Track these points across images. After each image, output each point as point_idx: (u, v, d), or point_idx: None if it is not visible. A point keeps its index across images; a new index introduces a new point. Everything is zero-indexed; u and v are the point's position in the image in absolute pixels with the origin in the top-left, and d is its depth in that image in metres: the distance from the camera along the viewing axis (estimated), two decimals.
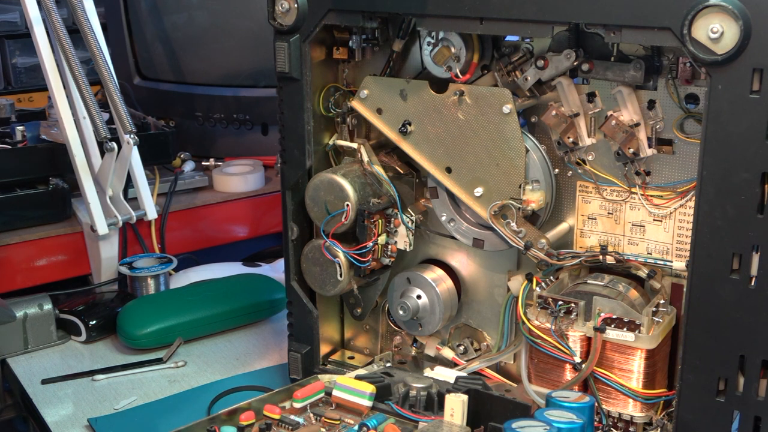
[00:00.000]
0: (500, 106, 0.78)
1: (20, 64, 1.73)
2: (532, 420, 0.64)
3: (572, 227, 0.82)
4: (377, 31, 0.85)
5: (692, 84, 0.73)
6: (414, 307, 0.88)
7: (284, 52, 0.83)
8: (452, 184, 0.82)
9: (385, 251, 0.87)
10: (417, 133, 0.83)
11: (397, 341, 0.95)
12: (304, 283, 0.90)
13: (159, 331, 1.05)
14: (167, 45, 1.53)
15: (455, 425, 0.70)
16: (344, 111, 0.88)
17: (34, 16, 1.07)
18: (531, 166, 0.79)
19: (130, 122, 1.09)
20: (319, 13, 0.81)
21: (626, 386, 0.75)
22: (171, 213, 1.29)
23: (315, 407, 0.76)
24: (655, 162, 0.76)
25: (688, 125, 0.74)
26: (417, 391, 0.76)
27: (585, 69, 0.75)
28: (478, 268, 0.88)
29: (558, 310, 0.76)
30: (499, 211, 0.80)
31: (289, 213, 0.89)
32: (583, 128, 0.78)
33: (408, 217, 0.86)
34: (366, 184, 0.86)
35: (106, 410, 0.92)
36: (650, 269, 0.77)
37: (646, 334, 0.73)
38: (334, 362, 0.95)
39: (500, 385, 0.86)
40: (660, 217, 0.77)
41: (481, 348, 0.90)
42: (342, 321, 0.97)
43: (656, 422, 0.77)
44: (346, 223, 0.84)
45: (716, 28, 0.63)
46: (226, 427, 0.72)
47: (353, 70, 0.89)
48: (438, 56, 0.81)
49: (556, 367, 0.78)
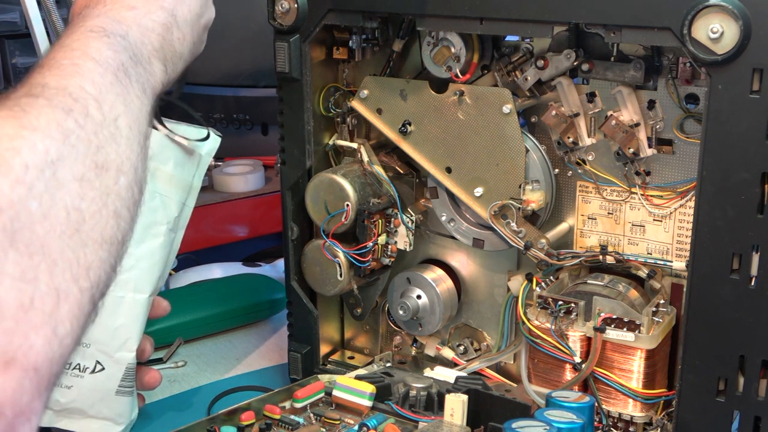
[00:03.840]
0: (500, 106, 0.78)
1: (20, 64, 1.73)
2: (532, 420, 0.64)
3: (572, 227, 0.82)
4: (377, 31, 0.85)
5: (692, 84, 0.73)
6: (414, 307, 0.88)
7: (284, 52, 0.83)
8: (452, 184, 0.82)
9: (385, 251, 0.87)
10: (417, 133, 0.83)
11: (397, 341, 0.95)
12: (304, 283, 0.90)
13: (159, 331, 1.05)
14: None
15: (455, 425, 0.70)
16: (344, 111, 0.88)
17: (34, 16, 1.07)
18: (531, 166, 0.79)
19: None
20: (319, 13, 0.81)
21: (626, 386, 0.75)
22: None
23: (315, 407, 0.76)
24: (655, 162, 0.76)
25: (688, 125, 0.74)
26: (417, 391, 0.76)
27: (585, 69, 0.75)
28: (478, 268, 0.88)
29: (558, 310, 0.76)
30: (499, 211, 0.80)
31: (289, 213, 0.89)
32: (583, 128, 0.78)
33: (408, 217, 0.86)
34: (366, 184, 0.86)
35: None
36: (650, 269, 0.77)
37: (646, 334, 0.73)
38: (334, 362, 0.95)
39: (500, 385, 0.86)
40: (660, 217, 0.77)
41: (481, 348, 0.90)
42: (342, 321, 0.97)
43: (656, 422, 0.77)
44: (346, 223, 0.84)
45: (716, 28, 0.63)
46: (226, 427, 0.72)
47: (353, 70, 0.89)
48: (438, 56, 0.81)
49: (556, 367, 0.78)
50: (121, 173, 0.48)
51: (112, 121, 0.48)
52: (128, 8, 0.59)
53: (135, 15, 0.59)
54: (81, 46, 0.51)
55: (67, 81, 0.48)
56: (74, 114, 0.46)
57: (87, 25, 0.54)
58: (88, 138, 0.46)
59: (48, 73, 0.49)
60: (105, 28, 0.54)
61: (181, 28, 0.63)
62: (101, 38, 0.53)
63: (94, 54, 0.51)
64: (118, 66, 0.52)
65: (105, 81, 0.50)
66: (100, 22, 0.55)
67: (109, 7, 0.58)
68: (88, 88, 0.48)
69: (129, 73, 0.53)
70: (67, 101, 0.46)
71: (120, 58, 0.53)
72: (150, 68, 0.57)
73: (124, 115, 0.50)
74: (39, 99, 0.46)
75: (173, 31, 0.62)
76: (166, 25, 0.61)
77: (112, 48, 0.53)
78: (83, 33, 0.53)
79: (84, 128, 0.46)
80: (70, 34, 0.53)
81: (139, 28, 0.58)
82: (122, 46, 0.54)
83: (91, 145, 0.46)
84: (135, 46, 0.56)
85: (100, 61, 0.51)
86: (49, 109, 0.45)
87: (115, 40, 0.54)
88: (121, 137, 0.49)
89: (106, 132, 0.48)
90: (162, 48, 0.60)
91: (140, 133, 0.52)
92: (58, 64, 0.49)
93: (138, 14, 0.59)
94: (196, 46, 0.67)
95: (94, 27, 0.54)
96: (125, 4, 0.59)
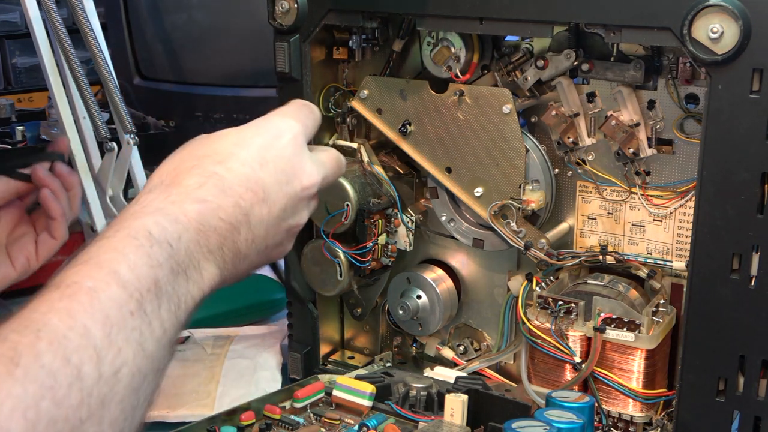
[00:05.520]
0: (500, 106, 0.78)
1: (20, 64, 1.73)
2: (532, 420, 0.64)
3: (572, 227, 0.82)
4: (377, 31, 0.85)
5: (692, 84, 0.73)
6: (414, 307, 0.88)
7: (284, 52, 0.83)
8: (452, 184, 0.82)
9: (385, 251, 0.87)
10: (417, 133, 0.83)
11: (397, 341, 0.95)
12: (304, 283, 0.90)
13: None
14: (167, 45, 1.53)
15: (455, 425, 0.70)
16: (344, 111, 0.88)
17: (34, 16, 1.07)
18: (531, 166, 0.79)
19: (130, 122, 1.09)
20: (319, 13, 0.81)
21: (626, 386, 0.75)
22: None
23: (315, 407, 0.76)
24: (655, 162, 0.76)
25: (688, 125, 0.74)
26: (417, 391, 0.76)
27: (585, 69, 0.75)
28: (478, 268, 0.88)
29: (558, 310, 0.76)
30: (499, 211, 0.80)
31: None
32: (583, 128, 0.78)
33: (408, 217, 0.86)
34: (366, 184, 0.86)
35: None
36: (650, 269, 0.77)
37: (646, 334, 0.73)
38: (334, 362, 0.95)
39: (500, 385, 0.86)
40: (660, 217, 0.77)
41: (481, 348, 0.90)
42: (342, 321, 0.97)
43: (656, 422, 0.77)
44: (346, 223, 0.84)
45: (716, 28, 0.63)
46: (226, 427, 0.72)
47: (353, 70, 0.89)
48: (438, 56, 0.81)
49: (556, 367, 0.78)
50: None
51: (112, 376, 0.42)
52: (197, 201, 0.52)
53: (201, 211, 0.52)
54: (112, 260, 0.45)
55: (73, 320, 0.42)
56: (58, 378, 0.39)
57: (134, 227, 0.48)
58: (66, 416, 0.39)
59: (57, 298, 0.43)
60: (153, 233, 0.48)
61: (253, 229, 0.55)
62: (140, 249, 0.47)
63: (123, 273, 0.45)
64: (148, 287, 0.46)
65: (122, 315, 0.44)
66: (150, 224, 0.49)
67: (173, 199, 0.51)
68: (94, 332, 0.42)
69: (161, 293, 0.47)
70: (54, 362, 0.40)
71: (156, 274, 0.47)
72: (196, 275, 0.51)
73: (131, 362, 0.43)
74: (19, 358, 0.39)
75: (241, 231, 0.54)
76: (234, 225, 0.53)
77: (150, 262, 0.47)
78: (125, 238, 0.47)
79: (61, 406, 0.39)
80: (115, 233, 0.48)
81: (198, 229, 0.51)
82: (166, 257, 0.48)
83: (68, 423, 0.39)
84: (184, 252, 0.50)
85: (127, 285, 0.45)
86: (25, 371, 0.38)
87: (159, 250, 0.48)
88: (115, 395, 0.42)
89: (97, 393, 0.41)
90: (220, 249, 0.53)
91: (147, 375, 0.45)
92: (77, 284, 0.44)
93: (205, 210, 0.52)
94: (272, 250, 0.58)
95: (140, 231, 0.48)
96: (195, 197, 0.52)
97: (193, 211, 0.51)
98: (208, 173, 0.54)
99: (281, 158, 0.58)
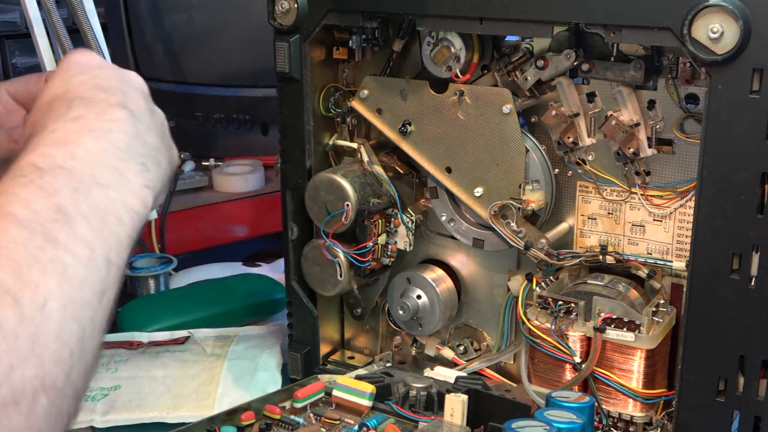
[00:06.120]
0: (500, 106, 0.78)
1: (20, 64, 1.73)
2: (532, 420, 0.64)
3: (572, 227, 0.82)
4: (377, 31, 0.85)
5: (692, 84, 0.73)
6: (414, 307, 0.88)
7: (284, 52, 0.83)
8: (452, 184, 0.82)
9: (385, 251, 0.87)
10: (417, 133, 0.83)
11: (397, 341, 0.95)
12: (304, 283, 0.90)
13: (159, 330, 1.05)
14: (167, 45, 1.53)
15: (455, 425, 0.70)
16: (344, 111, 0.88)
17: (34, 16, 1.07)
18: (531, 166, 0.79)
19: None
20: (319, 13, 0.81)
21: (626, 386, 0.75)
22: (171, 213, 1.29)
23: (315, 407, 0.76)
24: (655, 162, 0.76)
25: (688, 125, 0.74)
26: (417, 391, 0.76)
27: (585, 69, 0.75)
28: (478, 268, 0.88)
29: (558, 310, 0.76)
30: (499, 211, 0.80)
31: (289, 213, 0.89)
32: (583, 128, 0.78)
33: (408, 217, 0.86)
34: (366, 184, 0.86)
35: None
36: (650, 269, 0.77)
37: (646, 334, 0.73)
38: (334, 362, 0.95)
39: (500, 385, 0.86)
40: (660, 217, 0.77)
41: (481, 348, 0.90)
42: (342, 321, 0.97)
43: (656, 422, 0.77)
44: (346, 223, 0.84)
45: (716, 28, 0.63)
46: (226, 427, 0.72)
47: (353, 70, 0.89)
48: (438, 56, 0.81)
49: (556, 367, 0.78)
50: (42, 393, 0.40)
51: (37, 312, 0.40)
52: (73, 120, 0.50)
53: (82, 126, 0.50)
54: (3, 203, 0.44)
55: None
56: None
57: (18, 167, 0.47)
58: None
59: None
60: (39, 164, 0.47)
61: (142, 120, 0.54)
62: (31, 184, 0.45)
63: (18, 212, 0.43)
64: (52, 217, 0.44)
65: (29, 252, 0.42)
66: (34, 157, 0.47)
67: (51, 128, 0.50)
68: (2, 278, 0.40)
69: (70, 217, 0.45)
70: None
71: (56, 202, 0.45)
72: (115, 178, 0.49)
73: (57, 293, 0.42)
74: None
75: (135, 124, 0.53)
76: (124, 120, 0.53)
77: (44, 193, 0.45)
78: (10, 180, 0.46)
79: None
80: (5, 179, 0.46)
81: (90, 138, 0.50)
82: (63, 181, 0.46)
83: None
84: (87, 166, 0.48)
85: (25, 222, 0.43)
86: None
87: (52, 178, 0.46)
88: (49, 331, 0.41)
89: (24, 334, 0.40)
90: (131, 146, 0.52)
91: (87, 301, 0.43)
92: None
93: (86, 123, 0.51)
94: (166, 140, 0.58)
95: (25, 168, 0.46)
96: (69, 117, 0.51)
97: (74, 130, 0.50)
98: (68, 100, 0.53)
99: (107, 67, 0.58)
